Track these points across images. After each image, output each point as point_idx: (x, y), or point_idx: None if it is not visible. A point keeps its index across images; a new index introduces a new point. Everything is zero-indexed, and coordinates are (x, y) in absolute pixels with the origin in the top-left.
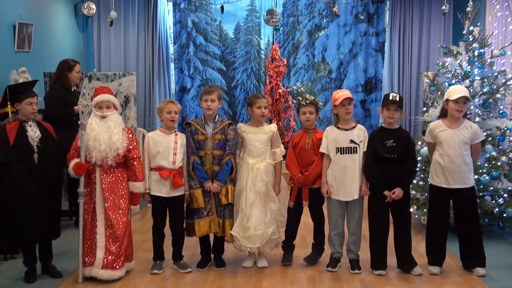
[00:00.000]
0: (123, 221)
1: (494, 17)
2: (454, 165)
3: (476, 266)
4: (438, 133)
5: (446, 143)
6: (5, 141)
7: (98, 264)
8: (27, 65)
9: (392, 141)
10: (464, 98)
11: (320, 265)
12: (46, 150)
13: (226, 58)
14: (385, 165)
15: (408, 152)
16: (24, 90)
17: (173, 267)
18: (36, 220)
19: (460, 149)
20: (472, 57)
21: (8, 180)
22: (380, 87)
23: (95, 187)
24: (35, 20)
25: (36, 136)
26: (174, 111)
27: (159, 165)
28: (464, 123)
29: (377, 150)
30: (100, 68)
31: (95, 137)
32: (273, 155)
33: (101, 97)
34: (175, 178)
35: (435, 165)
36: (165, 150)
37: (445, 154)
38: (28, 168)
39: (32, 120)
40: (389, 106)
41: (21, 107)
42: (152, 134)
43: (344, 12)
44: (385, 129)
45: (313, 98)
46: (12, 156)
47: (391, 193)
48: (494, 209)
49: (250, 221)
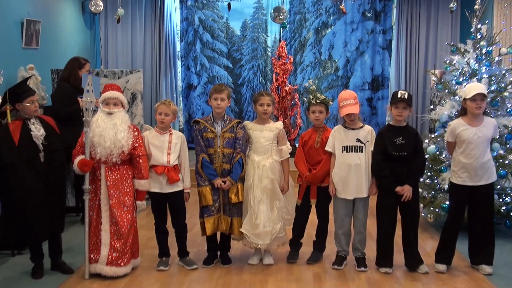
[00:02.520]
0: (128, 218)
1: (502, 15)
2: (480, 162)
3: (482, 263)
4: (460, 132)
5: (470, 142)
6: (10, 141)
7: (103, 260)
8: (35, 62)
9: (401, 138)
10: (481, 95)
11: (325, 263)
12: (51, 146)
13: (233, 56)
14: (394, 164)
15: (417, 149)
16: (23, 89)
17: (179, 263)
18: (46, 217)
19: (483, 147)
20: (480, 55)
21: (16, 180)
22: (387, 85)
23: (100, 184)
24: (43, 17)
25: (41, 135)
26: (165, 113)
27: (153, 164)
28: (485, 119)
29: (386, 148)
30: (107, 65)
31: (100, 134)
32: (280, 153)
33: (110, 93)
34: (170, 173)
35: (458, 164)
36: (159, 149)
37: (469, 153)
38: (34, 167)
39: (34, 117)
40: (398, 104)
41: (22, 106)
42: (147, 134)
43: (351, 9)
44: (394, 127)
45: (324, 97)
46: (18, 156)
47: (402, 189)
48: (501, 207)
49: (259, 218)
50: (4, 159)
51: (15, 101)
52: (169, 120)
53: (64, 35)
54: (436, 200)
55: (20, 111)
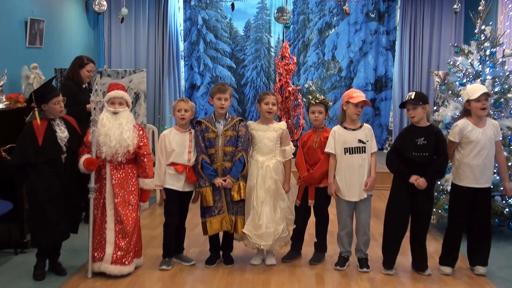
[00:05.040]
0: (133, 217)
1: (506, 16)
2: (486, 164)
3: (477, 264)
4: (467, 133)
5: (478, 143)
6: (34, 141)
7: (108, 259)
8: (39, 61)
9: (423, 139)
10: (485, 95)
11: (328, 263)
12: (73, 148)
13: (236, 56)
14: (414, 167)
15: (439, 148)
16: (49, 90)
17: (174, 260)
18: (63, 218)
19: (488, 148)
20: (484, 56)
21: (36, 180)
22: (390, 85)
23: (105, 183)
24: (47, 16)
25: (65, 137)
26: (184, 109)
27: (174, 162)
28: (488, 121)
29: (406, 149)
30: (110, 65)
31: (106, 133)
32: (283, 153)
33: (115, 93)
34: (190, 172)
35: (462, 166)
36: (180, 148)
37: (477, 154)
38: (55, 168)
39: (59, 117)
40: (407, 106)
41: (48, 107)
42: (168, 132)
43: (354, 10)
44: (416, 127)
45: (323, 97)
46: (40, 157)
47: (417, 178)
48: (504, 209)
49: (262, 219)
50: (27, 158)
51: (41, 102)
52: (189, 116)
53: (68, 34)
54: (439, 201)
55: (46, 112)
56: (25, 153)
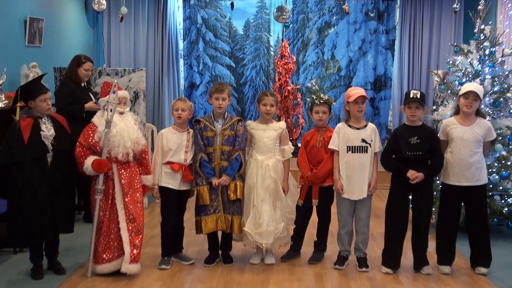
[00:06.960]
0: (142, 214)
1: (506, 15)
2: (466, 163)
3: (479, 265)
4: (450, 130)
5: (458, 140)
6: (20, 139)
7: (127, 259)
8: (38, 60)
9: (416, 138)
10: (473, 94)
11: (327, 262)
12: (60, 146)
13: (236, 55)
14: (409, 166)
15: (433, 148)
16: (36, 87)
17: (173, 259)
18: (49, 218)
19: (472, 147)
20: (483, 55)
21: (21, 179)
22: (390, 85)
23: (112, 184)
24: (46, 15)
25: (50, 135)
26: (182, 108)
27: (170, 161)
28: (478, 120)
29: (400, 149)
30: (109, 64)
31: (120, 133)
32: (282, 152)
33: (123, 93)
34: (186, 171)
35: (448, 164)
36: (178, 147)
37: (457, 152)
38: (41, 167)
39: (46, 115)
40: (411, 104)
41: (35, 104)
42: (166, 131)
43: (354, 9)
44: (409, 126)
45: (327, 97)
46: (26, 155)
47: (414, 172)
48: (503, 208)
49: (262, 217)
50: (12, 157)
51: (28, 98)
52: (186, 116)
53: (67, 33)
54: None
55: (33, 109)
56: (11, 152)
